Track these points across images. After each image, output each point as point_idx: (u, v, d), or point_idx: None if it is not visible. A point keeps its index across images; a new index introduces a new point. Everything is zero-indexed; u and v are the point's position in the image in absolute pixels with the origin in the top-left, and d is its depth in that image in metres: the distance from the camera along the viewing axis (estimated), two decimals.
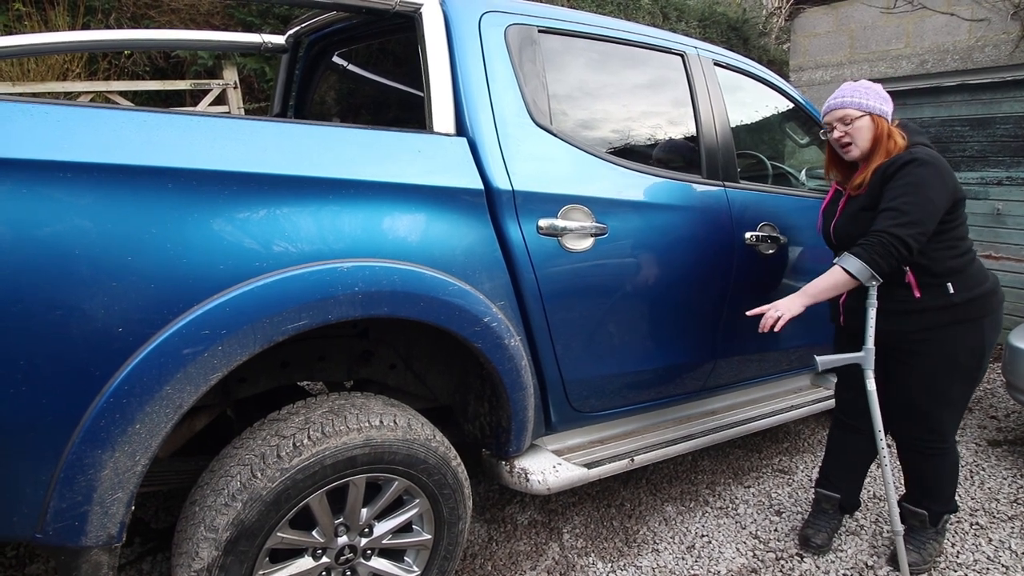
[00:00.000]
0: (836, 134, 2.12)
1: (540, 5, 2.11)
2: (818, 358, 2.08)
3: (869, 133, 2.07)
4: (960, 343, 2.07)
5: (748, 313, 2.13)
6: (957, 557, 2.38)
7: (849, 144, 2.10)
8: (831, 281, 2.03)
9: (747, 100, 2.77)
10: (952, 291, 2.03)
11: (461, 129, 1.84)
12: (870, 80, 2.18)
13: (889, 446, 2.40)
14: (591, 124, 2.18)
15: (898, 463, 2.37)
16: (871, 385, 2.11)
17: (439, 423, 2.13)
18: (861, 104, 2.06)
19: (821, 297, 2.06)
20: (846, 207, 2.17)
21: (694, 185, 2.34)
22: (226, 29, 4.44)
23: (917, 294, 2.05)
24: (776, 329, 2.04)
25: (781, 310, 2.05)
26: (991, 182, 5.03)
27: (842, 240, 2.15)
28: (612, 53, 2.25)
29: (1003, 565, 2.34)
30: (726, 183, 2.42)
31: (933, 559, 2.30)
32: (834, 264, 2.04)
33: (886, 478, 2.18)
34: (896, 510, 2.19)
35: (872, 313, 2.08)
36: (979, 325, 2.07)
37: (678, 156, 2.42)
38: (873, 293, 2.06)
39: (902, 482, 2.38)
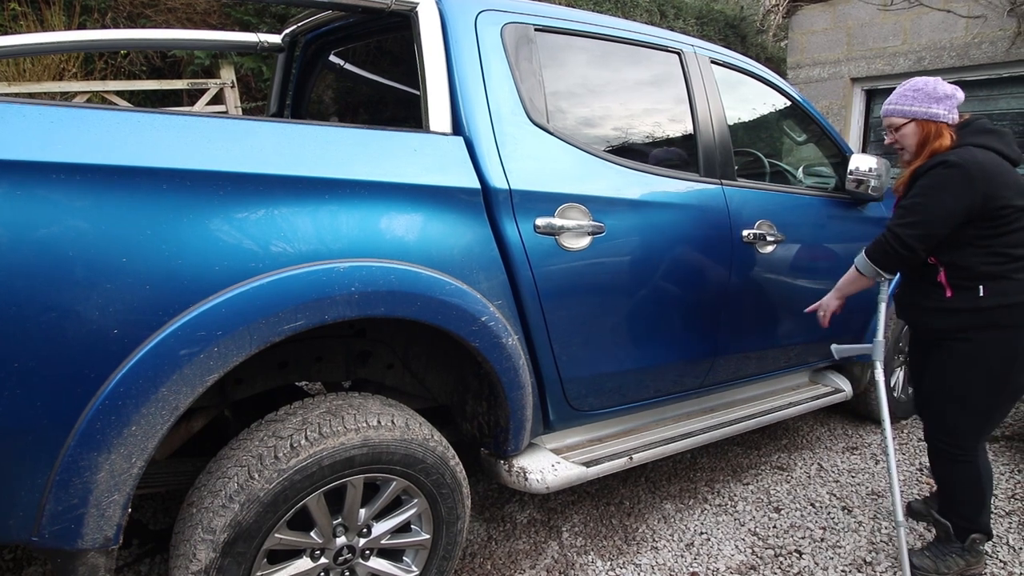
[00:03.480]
0: (888, 140, 2.19)
1: (537, 3, 2.10)
2: (834, 347, 2.31)
3: (915, 139, 2.08)
4: (987, 349, 2.01)
5: (807, 310, 2.40)
6: None
7: (901, 149, 2.15)
8: (847, 277, 2.24)
9: (744, 98, 2.77)
10: (983, 294, 1.97)
11: (457, 128, 1.83)
12: (913, 77, 2.18)
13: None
14: (588, 123, 2.18)
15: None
16: (879, 375, 2.21)
17: (437, 423, 2.13)
18: (905, 111, 2.08)
19: (847, 292, 2.26)
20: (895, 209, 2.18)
21: (691, 183, 2.33)
22: (223, 28, 4.44)
23: (948, 293, 2.03)
24: (825, 325, 2.32)
25: (824, 308, 2.31)
26: None
27: None
28: (609, 51, 2.24)
29: (1001, 560, 2.34)
30: (723, 181, 2.42)
31: (950, 572, 2.20)
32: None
33: (891, 468, 2.17)
34: (899, 500, 2.14)
35: (882, 308, 2.23)
36: (1010, 334, 1.99)
37: (675, 154, 2.42)
38: (884, 289, 2.23)
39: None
